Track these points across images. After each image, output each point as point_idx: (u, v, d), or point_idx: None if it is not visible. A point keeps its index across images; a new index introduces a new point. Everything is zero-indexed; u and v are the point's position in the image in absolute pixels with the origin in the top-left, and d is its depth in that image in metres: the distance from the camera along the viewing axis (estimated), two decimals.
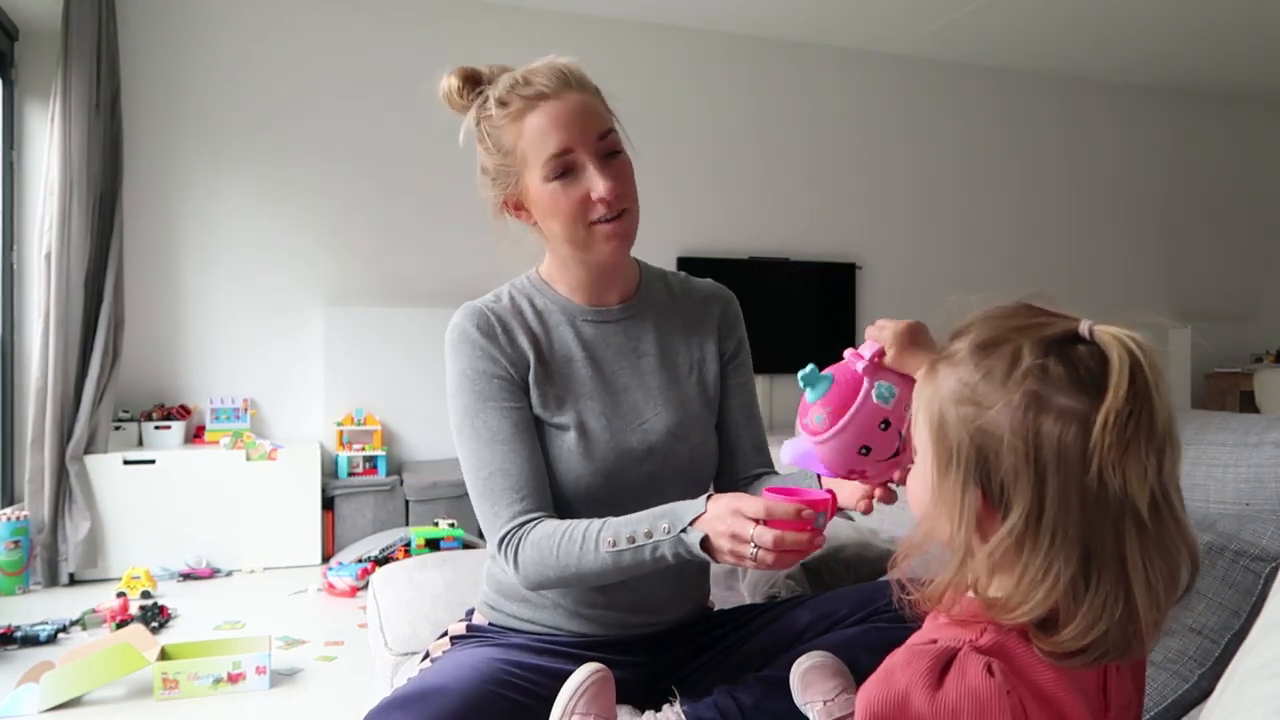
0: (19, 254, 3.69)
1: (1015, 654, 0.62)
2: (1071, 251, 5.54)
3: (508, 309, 1.20)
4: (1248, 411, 4.59)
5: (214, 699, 2.26)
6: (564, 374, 1.18)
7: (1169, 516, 0.62)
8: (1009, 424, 0.60)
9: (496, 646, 1.16)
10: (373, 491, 3.76)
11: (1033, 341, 0.62)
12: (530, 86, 1.09)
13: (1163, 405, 0.60)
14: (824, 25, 4.67)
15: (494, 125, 1.12)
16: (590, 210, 1.11)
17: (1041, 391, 0.60)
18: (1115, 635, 0.61)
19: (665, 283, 1.29)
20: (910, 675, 0.61)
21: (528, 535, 1.08)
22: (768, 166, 4.82)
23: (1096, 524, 0.59)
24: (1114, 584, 0.60)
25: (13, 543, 3.21)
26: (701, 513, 0.97)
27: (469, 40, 4.27)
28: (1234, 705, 0.64)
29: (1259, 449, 1.24)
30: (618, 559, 1.02)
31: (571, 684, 0.98)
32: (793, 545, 0.90)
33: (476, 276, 4.31)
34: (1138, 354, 0.59)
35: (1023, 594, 0.61)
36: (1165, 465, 0.60)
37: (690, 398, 1.22)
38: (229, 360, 3.96)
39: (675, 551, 0.99)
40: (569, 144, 1.08)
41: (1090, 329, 0.62)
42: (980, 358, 0.63)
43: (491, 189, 1.17)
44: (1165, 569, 0.61)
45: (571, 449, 1.14)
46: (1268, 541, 1.09)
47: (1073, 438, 0.59)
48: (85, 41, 3.42)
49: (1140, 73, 5.45)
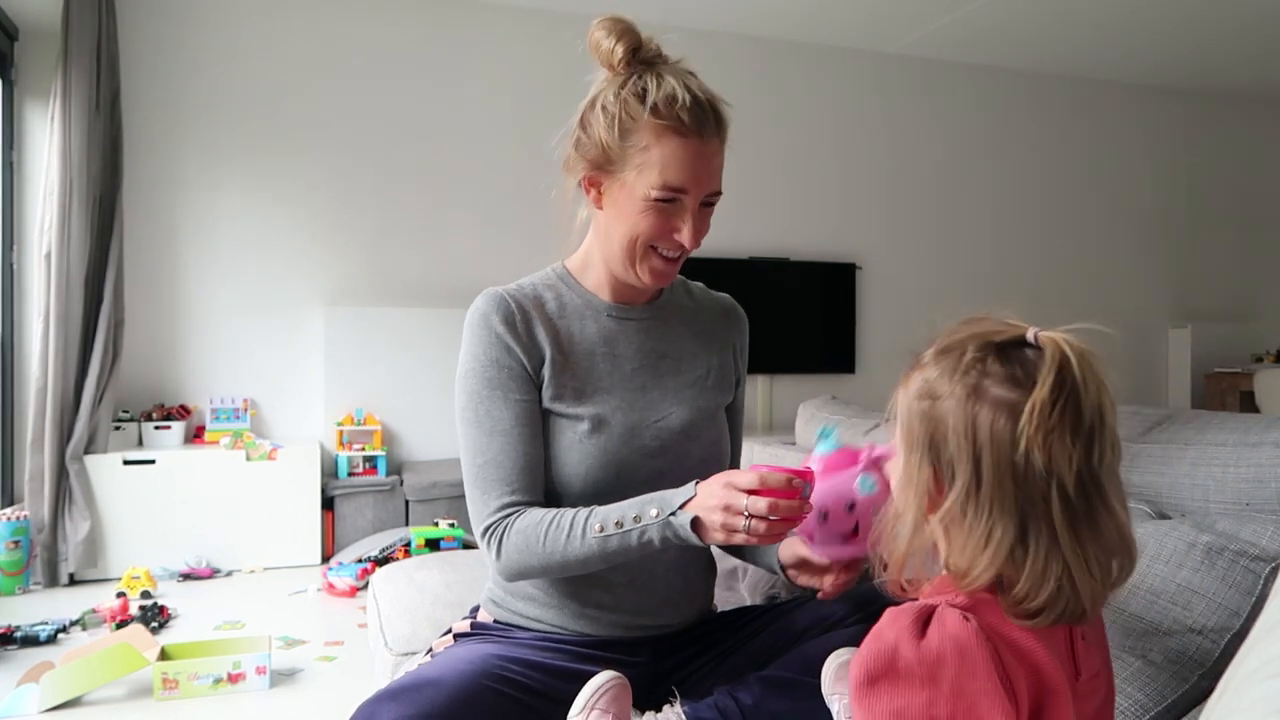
0: (19, 254, 3.69)
1: (987, 612, 0.69)
2: (1072, 251, 5.54)
3: (530, 298, 1.20)
4: (1248, 411, 4.59)
5: (214, 699, 2.26)
6: (583, 366, 1.18)
7: (1100, 503, 0.69)
8: (953, 412, 0.71)
9: (498, 643, 1.17)
10: (373, 491, 3.76)
11: (978, 344, 0.73)
12: (688, 113, 1.07)
13: (1090, 400, 0.68)
14: (824, 25, 4.67)
15: (633, 116, 1.08)
16: (663, 241, 1.12)
17: (980, 385, 0.71)
18: (1064, 599, 0.68)
19: (687, 289, 1.32)
20: (896, 629, 0.68)
21: (513, 523, 1.10)
22: (768, 167, 4.82)
23: (1028, 497, 0.68)
24: (1047, 551, 0.68)
25: (13, 543, 3.22)
26: (692, 496, 1.01)
27: (470, 40, 4.28)
28: (1234, 705, 0.64)
29: (1259, 449, 1.24)
30: (604, 544, 1.05)
31: (595, 682, 0.99)
32: (785, 512, 0.95)
33: (477, 276, 4.32)
34: (1069, 354, 0.68)
35: (969, 558, 0.70)
36: (1095, 454, 0.69)
37: (706, 400, 1.24)
38: (229, 360, 3.96)
39: (663, 535, 1.02)
40: (689, 186, 1.09)
41: (1035, 334, 0.72)
42: (938, 360, 0.74)
43: (583, 155, 1.13)
44: (1097, 549, 0.69)
45: (584, 440, 1.15)
46: (1268, 541, 1.09)
47: (1003, 424, 0.69)
48: (85, 41, 3.42)
49: (1140, 73, 5.45)
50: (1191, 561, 1.11)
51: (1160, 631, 1.09)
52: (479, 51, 4.31)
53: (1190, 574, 1.10)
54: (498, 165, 4.25)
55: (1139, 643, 1.10)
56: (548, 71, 4.22)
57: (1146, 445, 1.40)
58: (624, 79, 1.10)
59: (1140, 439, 1.43)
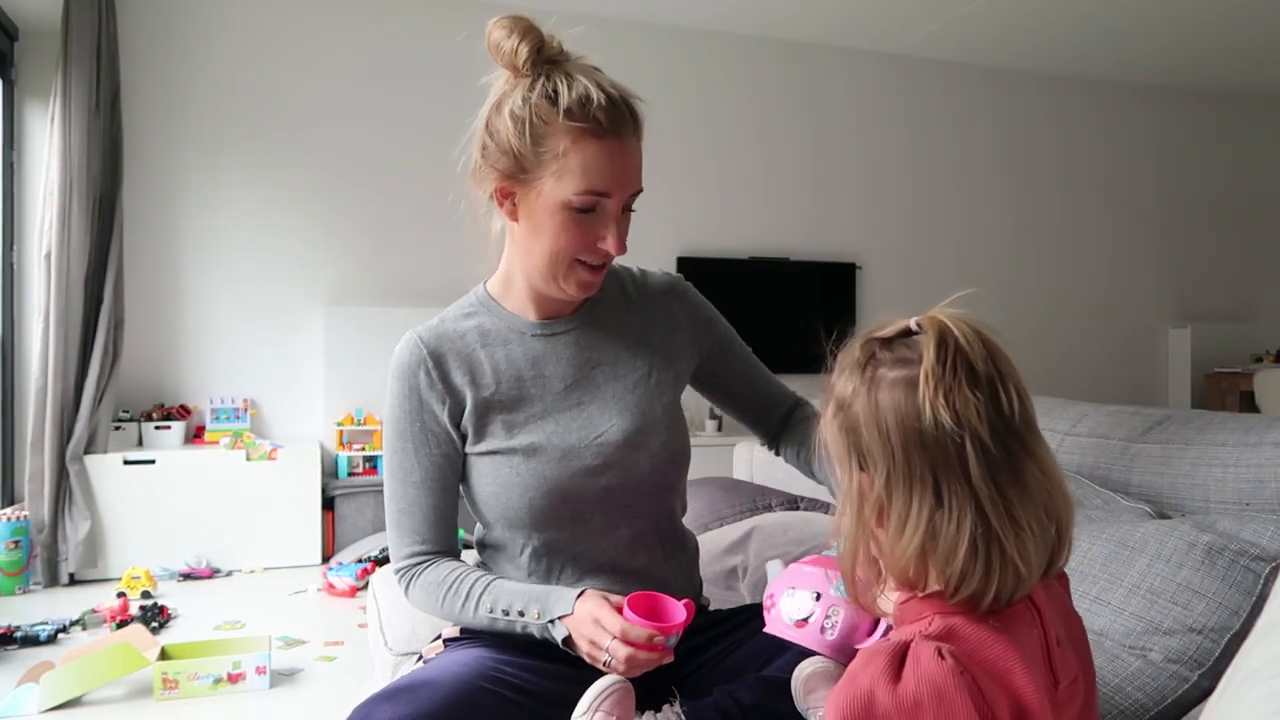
0: (19, 254, 3.69)
1: (963, 634, 0.69)
2: (1072, 251, 5.54)
3: (449, 336, 1.17)
4: (1248, 411, 4.59)
5: (214, 699, 2.26)
6: (511, 396, 1.15)
7: (1021, 451, 0.71)
8: (861, 408, 0.75)
9: (490, 647, 1.16)
10: (373, 491, 3.76)
11: (863, 343, 0.78)
12: (604, 113, 1.03)
13: (978, 354, 0.71)
14: (824, 25, 4.67)
15: (545, 120, 1.03)
16: (588, 252, 1.08)
17: (875, 374, 0.75)
18: (996, 563, 0.69)
19: (619, 282, 1.25)
20: (871, 674, 0.67)
21: (419, 576, 1.16)
22: (768, 166, 4.82)
23: (941, 460, 0.70)
24: (962, 502, 0.70)
25: (13, 543, 3.22)
26: (568, 613, 1.04)
27: (470, 40, 4.27)
28: (1234, 705, 0.64)
29: (1259, 449, 1.24)
30: (492, 622, 1.10)
31: (599, 686, 0.99)
32: (643, 663, 0.99)
33: (476, 276, 4.32)
34: (946, 323, 0.72)
35: (894, 541, 0.72)
36: (1003, 403, 0.71)
37: (650, 402, 1.19)
38: (229, 360, 3.96)
39: (541, 634, 1.07)
40: (611, 189, 1.05)
41: (916, 321, 0.76)
42: (838, 376, 0.79)
43: (492, 164, 1.09)
44: (1024, 499, 0.71)
45: (521, 472, 1.12)
46: (1268, 541, 1.09)
47: (903, 397, 0.72)
48: (85, 41, 3.42)
49: (1140, 73, 5.45)
50: (1192, 561, 1.11)
51: (1160, 631, 1.09)
52: (479, 52, 4.30)
53: (1190, 574, 1.10)
54: None
55: (1139, 642, 1.10)
56: None
57: (1146, 445, 1.40)
58: (530, 80, 1.05)
59: (1140, 439, 1.42)
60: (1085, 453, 1.49)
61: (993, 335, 0.73)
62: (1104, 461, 1.45)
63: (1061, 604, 0.80)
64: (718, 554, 1.73)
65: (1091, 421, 1.54)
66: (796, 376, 5.73)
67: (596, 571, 1.17)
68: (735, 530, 1.80)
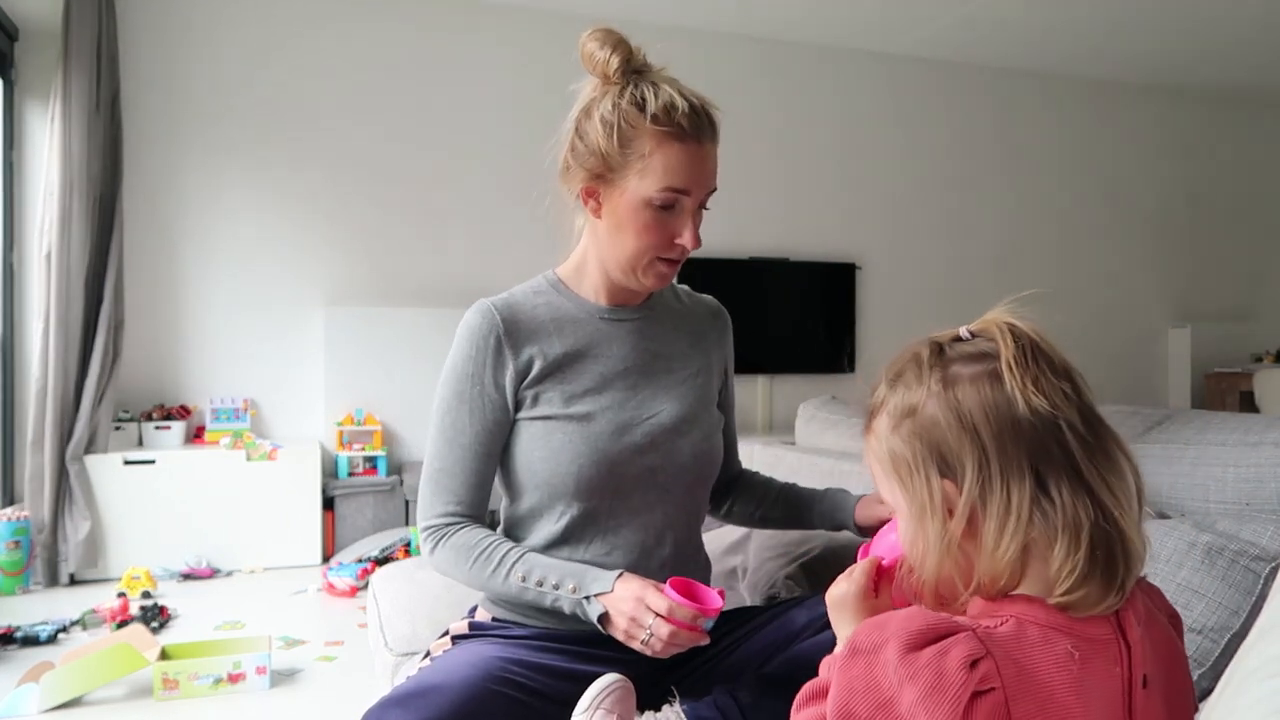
0: (19, 254, 3.69)
1: (1030, 650, 0.64)
2: (1071, 252, 5.55)
3: (521, 308, 1.22)
4: (1248, 411, 4.59)
5: (214, 699, 2.26)
6: (574, 369, 1.20)
7: (1107, 434, 0.70)
8: (938, 409, 0.71)
9: (498, 644, 1.17)
10: (373, 491, 3.76)
11: (927, 347, 0.74)
12: (687, 119, 1.12)
13: (1047, 345, 0.71)
14: (824, 26, 4.67)
15: (633, 124, 1.11)
16: (666, 249, 1.16)
17: (948, 374, 0.72)
18: (1105, 545, 0.66)
19: (674, 292, 1.35)
20: (899, 626, 0.64)
21: (449, 538, 1.18)
22: (768, 166, 4.82)
23: (1038, 448, 0.68)
24: (1072, 493, 0.67)
25: (13, 543, 3.22)
26: (608, 590, 1.07)
27: (470, 40, 4.28)
28: (1234, 705, 0.64)
29: (1259, 449, 1.24)
30: (521, 592, 1.13)
31: (600, 684, 1.00)
32: (682, 642, 1.03)
33: (476, 276, 4.33)
34: (1008, 319, 0.72)
35: (992, 544, 0.68)
36: (1083, 390, 0.71)
37: (698, 396, 1.27)
38: (229, 360, 3.96)
39: (572, 609, 1.10)
40: (691, 187, 1.13)
41: (967, 329, 0.74)
42: (895, 385, 0.75)
43: (581, 164, 1.16)
44: (1119, 482, 0.69)
45: (573, 439, 1.17)
46: (1268, 541, 1.09)
47: (990, 390, 0.69)
48: (85, 41, 3.42)
49: (1140, 73, 5.45)
50: (1191, 561, 1.11)
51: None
52: (479, 52, 4.31)
53: (1190, 574, 1.10)
54: (498, 165, 4.25)
55: None
56: (548, 72, 4.22)
57: (1146, 445, 1.40)
58: (620, 88, 1.13)
59: (1140, 439, 1.43)
60: None
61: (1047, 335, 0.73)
62: None
63: (1166, 648, 0.73)
64: (718, 554, 1.73)
65: None
66: (797, 377, 5.69)
67: (626, 550, 1.20)
68: (735, 530, 1.80)
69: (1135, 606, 0.70)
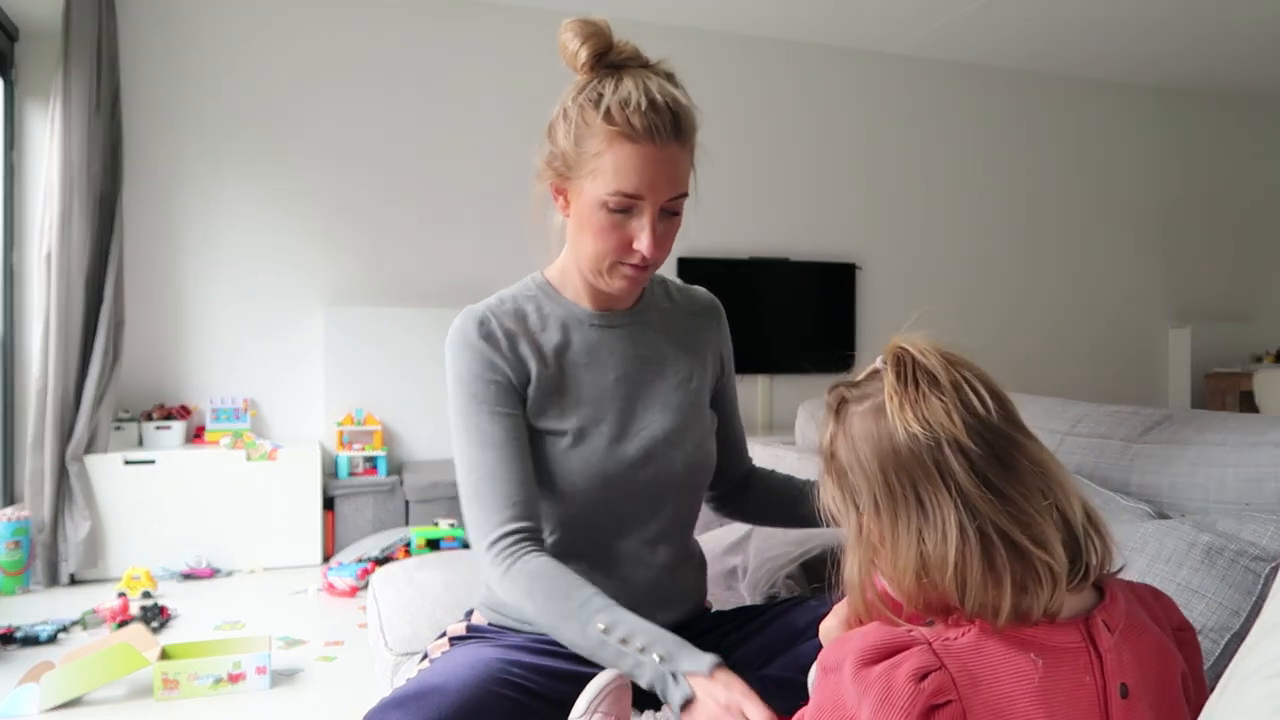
0: (19, 254, 3.69)
1: (988, 660, 0.65)
2: (1071, 252, 5.54)
3: (510, 313, 1.18)
4: (1248, 411, 4.59)
5: (214, 699, 2.26)
6: (567, 378, 1.17)
7: (1008, 444, 0.70)
8: (842, 449, 0.76)
9: (495, 646, 1.16)
10: (373, 491, 3.76)
11: (831, 391, 0.79)
12: (640, 117, 1.03)
13: (934, 363, 0.72)
14: (824, 25, 4.67)
15: (587, 122, 1.06)
16: (624, 253, 1.10)
17: (846, 414, 0.77)
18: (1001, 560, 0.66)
19: (665, 289, 1.30)
20: (856, 644, 0.67)
21: (525, 559, 1.07)
22: (768, 166, 4.82)
23: (920, 470, 0.69)
24: (947, 505, 0.68)
25: (13, 543, 3.22)
26: (702, 673, 0.94)
27: (470, 40, 4.28)
28: (1233, 705, 0.64)
29: (1259, 449, 1.24)
30: (599, 646, 1.00)
31: (597, 683, 0.99)
32: None
33: (476, 276, 4.32)
34: (900, 345, 0.74)
35: (890, 569, 0.70)
36: (974, 402, 0.70)
37: (690, 404, 1.23)
38: (229, 360, 3.96)
39: (651, 680, 0.97)
40: (642, 192, 1.06)
41: (880, 359, 0.76)
42: (822, 429, 0.81)
43: (548, 163, 1.12)
44: (1022, 487, 0.68)
45: (567, 453, 1.14)
46: (1268, 541, 1.09)
47: (873, 424, 0.73)
48: (85, 41, 3.42)
49: (1141, 73, 5.45)
50: (1191, 561, 1.11)
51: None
52: (479, 52, 4.31)
53: (1190, 574, 1.10)
54: (497, 165, 4.25)
55: None
56: (547, 72, 4.21)
57: (1146, 445, 1.40)
58: (584, 83, 1.08)
59: (1140, 439, 1.42)
60: (1085, 453, 1.49)
61: (952, 347, 0.74)
62: (1104, 461, 1.45)
63: (1155, 659, 0.72)
64: (718, 554, 1.73)
65: (1091, 421, 1.54)
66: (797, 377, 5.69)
67: (620, 560, 1.18)
68: (735, 530, 1.80)
69: (1112, 615, 0.70)
